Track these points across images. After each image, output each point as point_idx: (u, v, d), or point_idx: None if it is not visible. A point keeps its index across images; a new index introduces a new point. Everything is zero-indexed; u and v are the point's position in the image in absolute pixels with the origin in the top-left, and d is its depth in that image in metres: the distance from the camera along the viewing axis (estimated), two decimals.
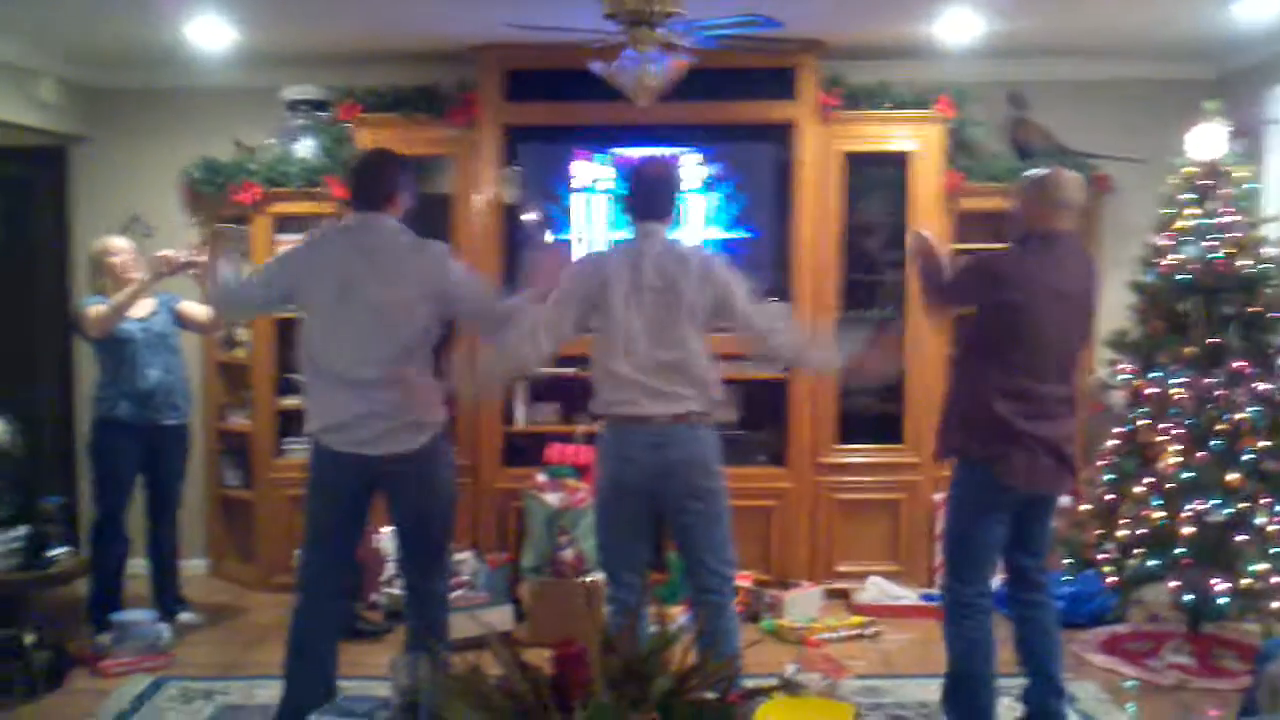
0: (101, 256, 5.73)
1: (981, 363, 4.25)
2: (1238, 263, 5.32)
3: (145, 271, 5.62)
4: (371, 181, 4.31)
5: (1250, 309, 5.31)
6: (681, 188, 4.43)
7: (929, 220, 6.22)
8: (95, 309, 5.59)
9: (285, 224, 6.48)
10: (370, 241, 4.23)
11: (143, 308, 5.68)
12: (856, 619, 5.95)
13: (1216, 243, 5.36)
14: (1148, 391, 5.43)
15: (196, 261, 5.56)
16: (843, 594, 6.27)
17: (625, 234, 4.46)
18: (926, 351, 6.15)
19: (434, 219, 6.15)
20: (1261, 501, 5.17)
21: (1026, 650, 4.41)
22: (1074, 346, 4.29)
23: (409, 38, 6.03)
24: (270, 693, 4.89)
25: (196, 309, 5.83)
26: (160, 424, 5.75)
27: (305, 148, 6.47)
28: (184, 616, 5.99)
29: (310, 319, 4.26)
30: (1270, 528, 5.13)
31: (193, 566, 6.72)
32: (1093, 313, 4.37)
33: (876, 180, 6.54)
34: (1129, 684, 5.17)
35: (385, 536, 5.91)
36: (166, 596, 5.99)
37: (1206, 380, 5.29)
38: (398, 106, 6.36)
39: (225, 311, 5.20)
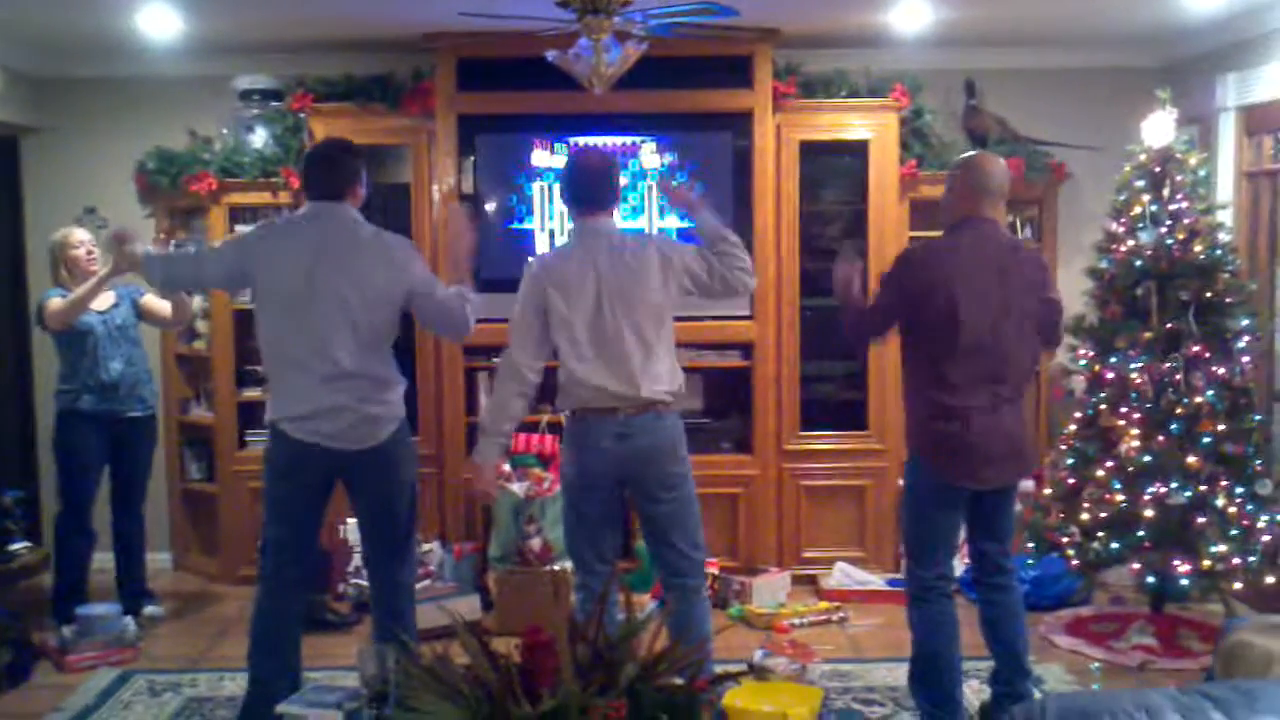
0: (62, 248, 5.70)
1: (919, 355, 4.26)
2: (1193, 249, 5.36)
3: (105, 265, 5.56)
4: (330, 171, 4.28)
5: (1206, 294, 5.35)
6: (622, 176, 4.39)
7: (886, 208, 6.26)
8: (55, 302, 5.57)
9: (241, 214, 6.44)
10: (333, 233, 4.20)
11: (103, 300, 5.65)
12: (824, 604, 5.98)
13: (1171, 229, 5.40)
14: (1107, 376, 5.47)
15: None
16: (810, 580, 6.30)
17: (571, 226, 4.44)
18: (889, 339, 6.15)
19: (392, 209, 6.14)
20: (1221, 484, 5.22)
21: (992, 633, 4.44)
22: (1012, 335, 4.20)
23: (362, 26, 5.98)
24: (237, 684, 4.89)
25: (160, 304, 5.81)
26: (124, 416, 5.73)
27: (259, 137, 6.42)
28: (149, 610, 5.96)
29: (269, 308, 4.22)
30: (1230, 510, 5.19)
31: (157, 560, 6.66)
32: (1033, 297, 4.28)
33: (833, 168, 6.56)
34: (1094, 665, 5.21)
35: (352, 527, 5.88)
36: (132, 590, 5.96)
37: (1165, 365, 5.33)
38: (351, 96, 6.33)
39: (163, 275, 4.69)
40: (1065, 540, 5.49)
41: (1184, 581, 5.25)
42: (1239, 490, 5.23)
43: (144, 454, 5.92)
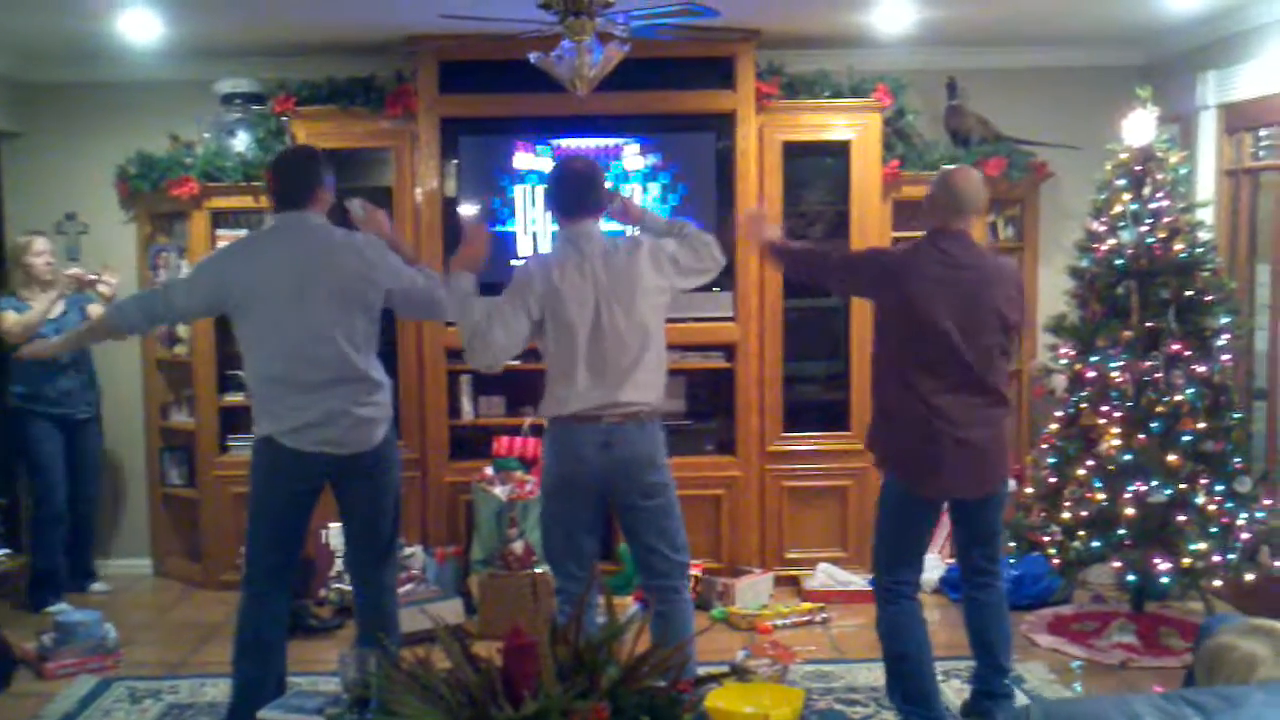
0: (23, 253, 5.97)
1: (890, 367, 4.26)
2: (1173, 247, 5.38)
3: (57, 287, 5.92)
4: (294, 179, 4.31)
5: (1186, 293, 5.36)
6: (604, 182, 4.40)
7: (869, 209, 6.26)
8: (10, 317, 5.84)
9: (223, 219, 6.43)
10: (305, 241, 4.22)
11: (55, 309, 5.96)
12: (806, 605, 5.98)
13: (1151, 227, 5.42)
14: (1088, 375, 5.48)
15: (106, 279, 5.88)
16: (793, 580, 6.30)
17: (557, 231, 4.43)
18: (870, 340, 6.15)
19: None
20: (1201, 482, 5.24)
21: (975, 633, 4.46)
22: (986, 349, 4.19)
23: (343, 29, 5.97)
24: (218, 691, 4.88)
25: None
26: (74, 418, 6.09)
27: (241, 141, 6.40)
28: (95, 587, 6.27)
29: (255, 323, 4.22)
30: (1210, 507, 5.21)
31: (137, 566, 6.69)
32: (1006, 314, 4.25)
33: (816, 169, 6.57)
34: (1075, 664, 5.22)
35: (333, 532, 5.87)
36: (77, 570, 6.26)
37: (1145, 363, 5.35)
38: (334, 99, 6.31)
39: (134, 321, 4.45)
40: (1046, 539, 5.51)
41: (1164, 580, 5.27)
42: (1219, 488, 5.25)
43: (91, 450, 6.25)
